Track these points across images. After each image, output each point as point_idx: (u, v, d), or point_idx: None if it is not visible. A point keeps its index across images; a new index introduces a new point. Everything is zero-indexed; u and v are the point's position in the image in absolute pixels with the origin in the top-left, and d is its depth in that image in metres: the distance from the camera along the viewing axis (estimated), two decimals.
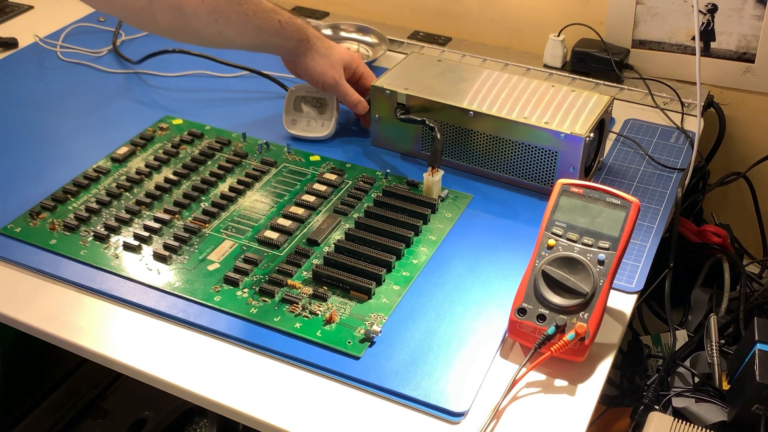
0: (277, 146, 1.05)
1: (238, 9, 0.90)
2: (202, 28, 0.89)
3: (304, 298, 0.81)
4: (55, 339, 0.79)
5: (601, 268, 0.74)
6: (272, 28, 0.94)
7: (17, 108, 1.13)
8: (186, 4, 0.85)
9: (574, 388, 0.73)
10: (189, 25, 0.88)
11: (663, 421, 0.80)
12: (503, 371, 0.75)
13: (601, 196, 0.78)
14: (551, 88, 0.99)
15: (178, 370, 0.75)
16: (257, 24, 0.93)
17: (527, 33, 1.28)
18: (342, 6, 1.40)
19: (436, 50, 1.28)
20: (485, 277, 0.84)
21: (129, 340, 0.78)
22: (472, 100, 0.97)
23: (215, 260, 0.86)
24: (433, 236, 0.89)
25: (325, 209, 0.93)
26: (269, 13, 0.94)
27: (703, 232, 1.08)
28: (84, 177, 0.98)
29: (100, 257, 0.87)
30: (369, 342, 0.76)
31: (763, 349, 0.79)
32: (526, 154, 0.95)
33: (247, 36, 0.93)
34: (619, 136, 1.08)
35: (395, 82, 1.01)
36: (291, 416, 0.71)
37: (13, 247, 0.88)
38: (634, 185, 0.99)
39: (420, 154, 1.03)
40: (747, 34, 1.13)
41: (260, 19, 0.93)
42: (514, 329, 0.75)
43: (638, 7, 1.17)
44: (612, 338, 0.79)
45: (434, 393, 0.71)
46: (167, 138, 1.06)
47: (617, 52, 1.19)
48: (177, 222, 0.92)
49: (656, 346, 1.05)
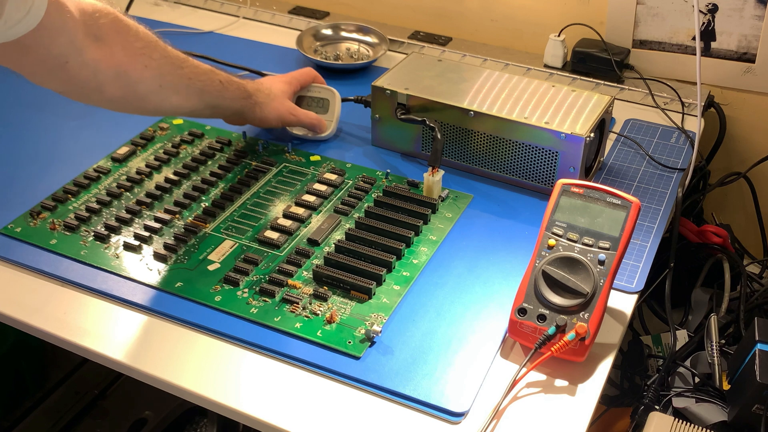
0: (277, 146, 1.05)
1: (180, 73, 0.88)
2: (147, 95, 0.87)
3: (304, 298, 0.81)
4: (56, 339, 0.79)
5: (601, 268, 0.74)
6: (215, 90, 0.93)
7: (17, 108, 1.13)
8: (131, 71, 0.83)
9: (574, 388, 0.73)
10: (135, 93, 0.86)
11: (663, 421, 0.80)
12: (503, 371, 0.75)
13: (602, 196, 0.78)
14: (552, 88, 0.99)
15: (178, 370, 0.75)
16: (199, 87, 0.91)
17: (527, 33, 1.28)
18: (342, 6, 1.40)
19: (436, 50, 1.28)
20: (485, 277, 0.84)
21: (129, 340, 0.78)
22: (473, 100, 0.97)
23: (215, 260, 0.86)
24: (433, 236, 0.89)
25: (325, 209, 0.93)
26: (209, 74, 0.92)
27: (704, 232, 1.08)
28: (84, 177, 0.98)
29: (101, 257, 0.87)
30: (369, 342, 0.76)
31: (763, 349, 0.79)
32: (526, 154, 0.95)
33: (192, 100, 0.91)
34: (619, 136, 1.08)
35: (395, 82, 1.01)
36: (291, 416, 0.71)
37: (14, 247, 0.88)
38: (635, 185, 0.99)
39: (420, 154, 1.03)
40: (747, 34, 1.13)
41: (201, 81, 0.91)
42: (515, 329, 0.75)
43: (639, 7, 1.17)
44: (612, 338, 0.79)
45: (434, 393, 0.71)
46: (167, 138, 1.06)
47: (618, 52, 1.19)
48: (177, 222, 0.92)
49: (656, 346, 1.05)
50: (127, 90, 0.84)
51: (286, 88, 1.04)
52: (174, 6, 1.43)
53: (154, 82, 0.86)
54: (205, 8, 1.42)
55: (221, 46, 1.29)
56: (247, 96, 0.97)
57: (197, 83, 0.90)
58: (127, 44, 0.83)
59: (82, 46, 0.78)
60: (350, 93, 1.08)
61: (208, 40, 1.32)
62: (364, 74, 1.23)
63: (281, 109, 1.02)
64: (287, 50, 1.27)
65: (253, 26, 1.37)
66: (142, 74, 0.85)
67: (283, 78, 1.05)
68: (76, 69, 0.79)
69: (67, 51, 0.77)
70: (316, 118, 1.05)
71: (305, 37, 1.28)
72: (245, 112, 0.99)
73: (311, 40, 1.29)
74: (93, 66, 0.80)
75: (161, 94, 0.88)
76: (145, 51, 0.85)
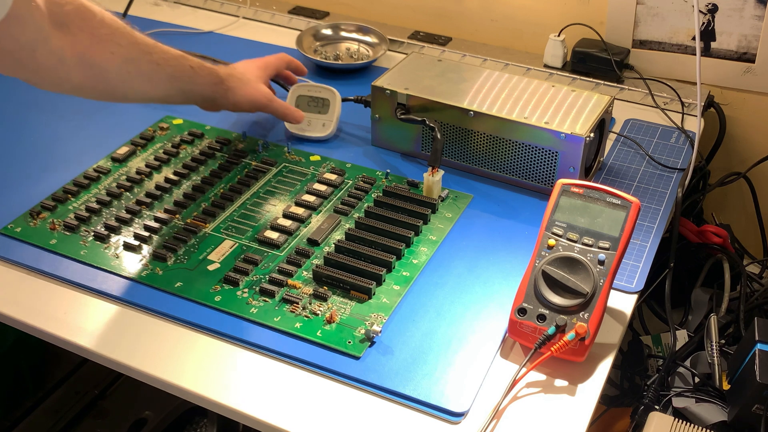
0: (277, 146, 1.05)
1: (148, 58, 0.87)
2: (115, 82, 0.86)
3: (304, 298, 0.81)
4: (56, 339, 0.79)
5: (601, 268, 0.74)
6: (185, 76, 0.91)
7: (17, 108, 1.13)
8: (97, 57, 0.82)
9: (574, 388, 0.73)
10: (102, 80, 0.84)
11: (663, 421, 0.80)
12: (503, 371, 0.75)
13: (602, 196, 0.78)
14: (551, 88, 0.99)
15: (178, 370, 0.75)
16: (169, 72, 0.89)
17: (527, 33, 1.28)
18: (342, 6, 1.40)
19: (436, 50, 1.28)
20: (485, 277, 0.84)
21: (129, 339, 0.78)
22: (473, 100, 0.97)
23: (215, 260, 0.86)
24: (433, 236, 0.89)
25: (325, 209, 0.93)
26: (179, 60, 0.91)
27: (704, 232, 1.08)
28: (84, 177, 0.98)
29: (101, 257, 0.87)
30: (369, 342, 0.76)
31: (763, 349, 0.79)
32: (526, 154, 0.95)
33: (161, 86, 0.90)
34: (619, 136, 1.08)
35: (395, 82, 1.01)
36: (291, 416, 0.71)
37: (14, 247, 0.88)
38: (635, 185, 0.99)
39: (420, 154, 1.03)
40: (747, 34, 1.13)
41: (171, 66, 0.89)
42: (515, 329, 0.75)
43: (639, 7, 1.17)
44: (612, 338, 0.79)
45: (434, 393, 0.71)
46: (167, 138, 1.06)
47: (617, 52, 1.19)
48: (177, 222, 0.92)
49: (656, 346, 1.05)
50: (94, 77, 0.83)
51: (260, 73, 1.03)
52: (174, 6, 1.43)
53: (122, 68, 0.85)
54: (205, 8, 1.42)
55: (221, 46, 1.30)
56: (219, 81, 0.96)
57: (167, 69, 0.89)
58: (92, 31, 0.81)
59: (48, 35, 0.77)
60: (350, 93, 1.08)
61: (208, 40, 1.32)
62: (364, 74, 1.23)
63: (255, 95, 1.00)
64: (287, 50, 1.26)
65: (253, 26, 1.37)
66: (109, 61, 0.83)
67: (258, 63, 1.04)
68: (43, 57, 0.78)
69: (34, 40, 0.76)
70: (291, 108, 1.04)
71: (305, 37, 1.28)
72: (217, 98, 0.98)
73: (311, 40, 1.29)
74: (59, 54, 0.79)
75: (129, 81, 0.87)
76: (112, 37, 0.83)
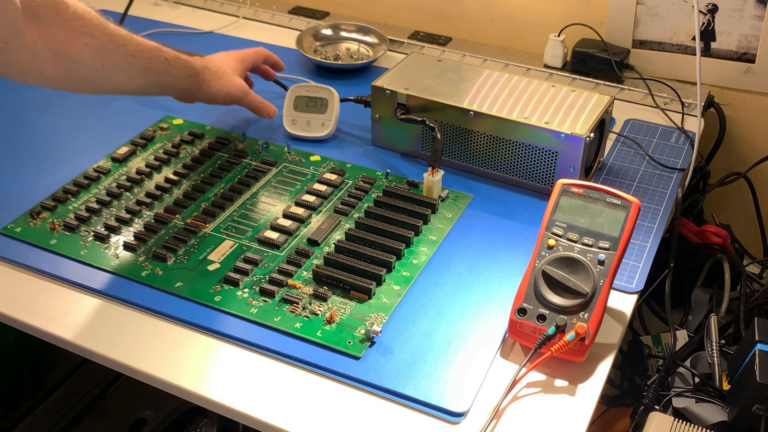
0: (277, 146, 1.05)
1: (123, 50, 0.87)
2: (89, 74, 0.85)
3: (304, 298, 0.81)
4: (55, 339, 0.79)
5: (601, 268, 0.74)
6: (160, 68, 0.91)
7: (18, 108, 1.13)
8: (71, 50, 0.82)
9: (574, 388, 0.73)
10: (76, 73, 0.84)
11: (663, 421, 0.80)
12: (503, 371, 0.75)
13: (602, 196, 0.78)
14: (551, 88, 0.99)
15: (178, 370, 0.75)
16: (143, 64, 0.89)
17: (527, 33, 1.28)
18: (342, 6, 1.40)
19: (436, 50, 1.28)
20: (485, 277, 0.84)
21: (129, 339, 0.78)
22: (473, 100, 0.97)
23: (215, 260, 0.86)
24: (433, 236, 0.89)
25: (325, 209, 0.93)
26: (154, 51, 0.90)
27: (704, 232, 1.08)
28: (84, 177, 0.98)
29: (101, 257, 0.87)
30: (369, 342, 0.76)
31: (763, 349, 0.79)
32: (526, 154, 0.95)
33: (136, 79, 0.90)
34: (619, 136, 1.08)
35: (395, 82, 1.01)
36: (291, 416, 0.71)
37: (14, 247, 0.88)
38: (635, 185, 0.99)
39: (420, 154, 1.03)
40: (747, 34, 1.13)
41: (146, 58, 0.89)
42: (515, 329, 0.75)
43: (639, 7, 1.17)
44: (612, 338, 0.79)
45: (434, 393, 0.71)
46: (167, 138, 1.06)
47: (617, 52, 1.19)
48: (177, 222, 0.92)
49: (656, 346, 1.05)
50: (67, 70, 0.83)
51: (237, 65, 1.03)
52: (174, 6, 1.43)
53: (96, 60, 0.84)
54: (205, 8, 1.42)
55: (221, 46, 1.29)
56: (194, 74, 0.96)
57: (141, 61, 0.89)
58: (66, 23, 0.81)
59: (21, 27, 0.76)
60: (350, 93, 1.08)
61: (208, 40, 1.32)
62: (364, 74, 1.23)
63: (231, 87, 1.00)
64: (287, 50, 1.27)
65: (253, 26, 1.37)
66: (83, 53, 0.83)
67: (235, 55, 1.04)
68: (16, 50, 0.77)
69: (7, 32, 0.75)
70: (265, 103, 1.04)
71: (305, 37, 1.28)
72: (193, 90, 0.98)
73: (311, 40, 1.29)
74: (32, 46, 0.78)
75: (104, 73, 0.86)
76: (86, 29, 0.83)
